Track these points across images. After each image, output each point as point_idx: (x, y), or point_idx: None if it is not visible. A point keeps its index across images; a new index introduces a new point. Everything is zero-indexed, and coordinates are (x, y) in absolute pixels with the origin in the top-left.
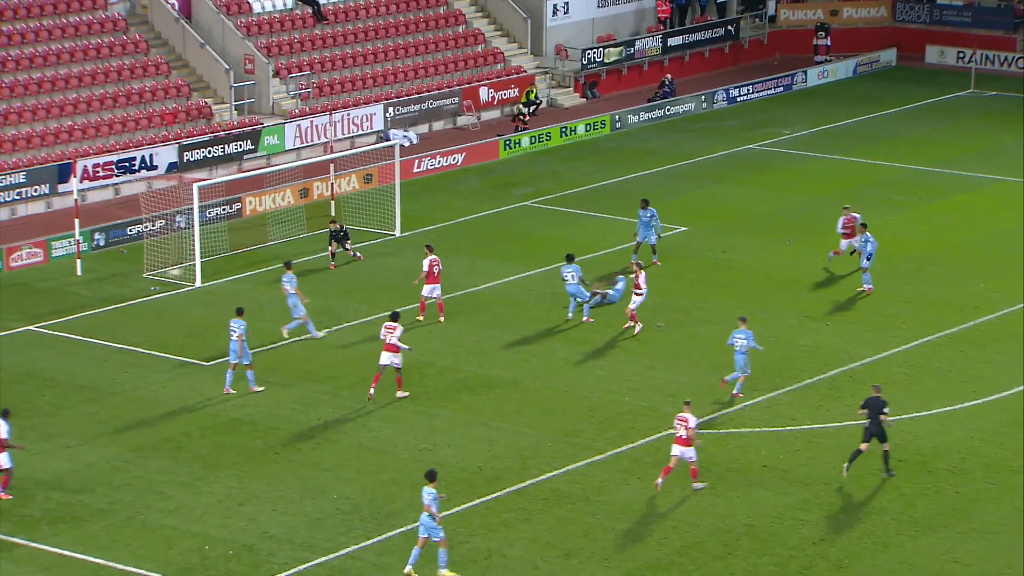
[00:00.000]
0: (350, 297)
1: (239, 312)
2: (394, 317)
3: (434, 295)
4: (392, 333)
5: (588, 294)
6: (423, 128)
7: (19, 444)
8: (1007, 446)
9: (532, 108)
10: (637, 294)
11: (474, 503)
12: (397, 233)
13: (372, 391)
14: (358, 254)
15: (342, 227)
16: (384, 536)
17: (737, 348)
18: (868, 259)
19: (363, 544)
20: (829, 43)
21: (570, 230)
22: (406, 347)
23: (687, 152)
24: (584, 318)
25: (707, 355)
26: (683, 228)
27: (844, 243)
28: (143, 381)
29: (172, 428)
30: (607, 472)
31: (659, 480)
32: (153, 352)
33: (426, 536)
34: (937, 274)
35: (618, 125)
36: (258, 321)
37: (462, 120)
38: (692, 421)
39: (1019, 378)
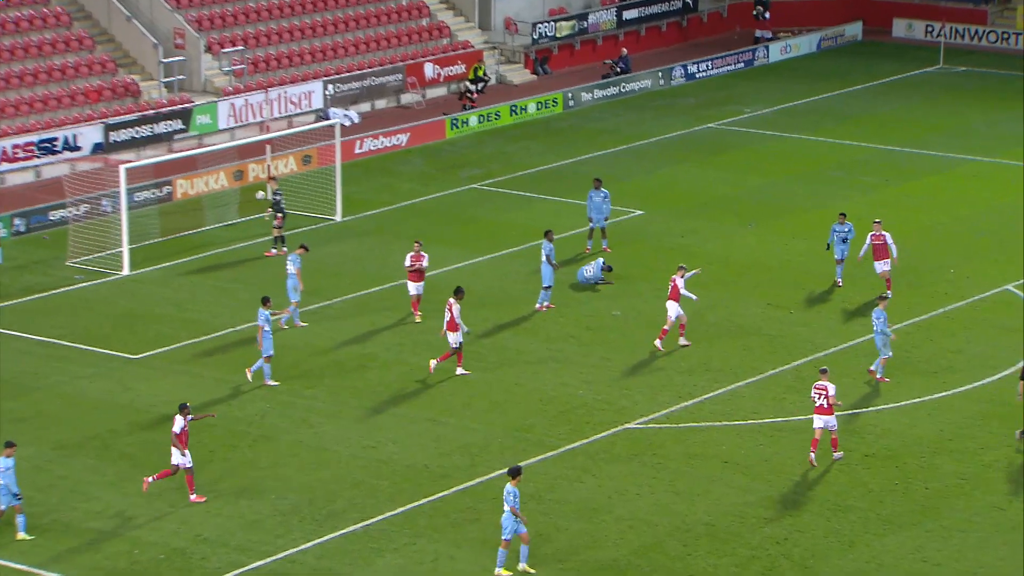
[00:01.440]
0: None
1: (264, 301)
2: (456, 293)
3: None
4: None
5: (552, 277)
6: (365, 107)
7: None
8: (978, 440)
9: (480, 85)
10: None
11: (420, 503)
12: (338, 218)
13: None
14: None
15: (277, 192)
16: (325, 538)
17: (874, 329)
18: (839, 252)
19: (302, 547)
20: (768, 16)
21: (521, 214)
22: (465, 328)
23: (643, 131)
24: (544, 304)
25: (666, 344)
26: (639, 212)
27: (878, 266)
28: (67, 375)
29: (98, 425)
30: (561, 469)
31: (812, 455)
32: (78, 345)
33: (509, 538)
34: (906, 259)
35: (571, 103)
36: (188, 312)
37: (406, 98)
38: (831, 389)
39: (991, 367)
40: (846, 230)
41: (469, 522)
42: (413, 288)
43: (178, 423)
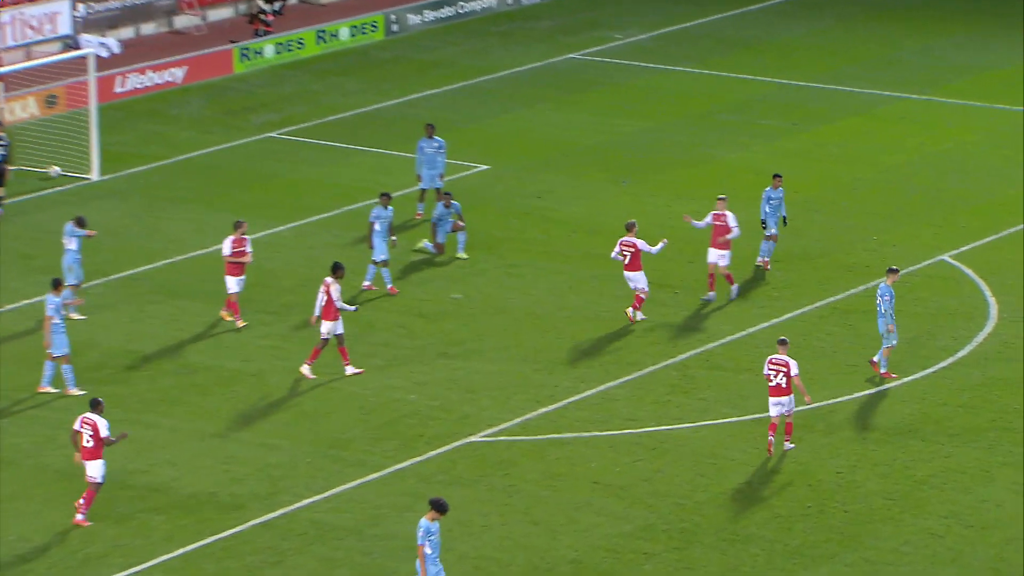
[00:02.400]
0: (27, 264)
1: (55, 285)
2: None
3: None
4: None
5: (387, 252)
6: (127, 32)
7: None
8: (909, 450)
9: (277, 4)
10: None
11: (207, 541)
12: (94, 176)
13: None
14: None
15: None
16: None
17: (879, 311)
18: (774, 226)
19: None
20: None
21: (332, 170)
22: (350, 307)
23: (487, 64)
24: (387, 286)
25: (520, 336)
26: (483, 166)
27: (712, 254)
28: None
29: None
30: (386, 496)
31: (771, 438)
32: None
33: None
34: (819, 223)
35: (395, 28)
36: None
37: (181, 21)
38: (794, 366)
39: (924, 359)
40: (780, 196)
41: (270, 566)
42: (233, 284)
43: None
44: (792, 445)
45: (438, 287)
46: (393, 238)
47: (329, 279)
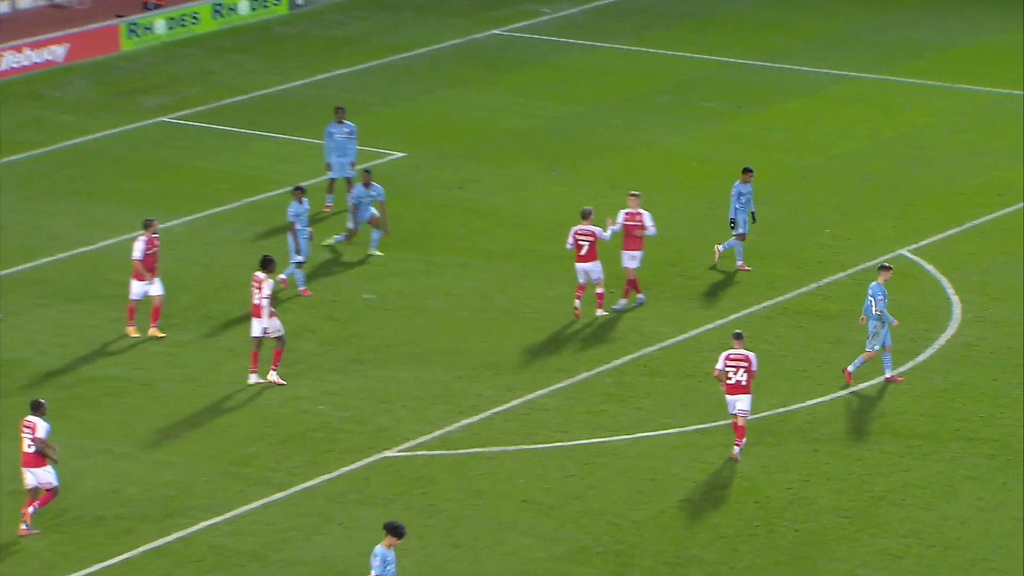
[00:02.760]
0: None
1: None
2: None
3: (152, 293)
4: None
5: (303, 252)
6: (2, 7)
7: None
8: (865, 463)
9: None
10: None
11: (93, 569)
12: None
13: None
14: None
15: None
16: None
17: (868, 310)
18: (744, 224)
19: None
20: None
21: (231, 158)
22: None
23: (403, 41)
24: (300, 288)
25: (440, 340)
26: (399, 153)
27: (626, 257)
28: None
29: None
30: (292, 518)
31: (736, 450)
32: None
33: None
34: (766, 216)
35: (300, 1)
36: None
37: None
38: (754, 360)
39: (882, 364)
40: (750, 192)
41: None
42: (138, 289)
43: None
44: (739, 456)
45: (349, 287)
46: (309, 229)
47: (260, 274)
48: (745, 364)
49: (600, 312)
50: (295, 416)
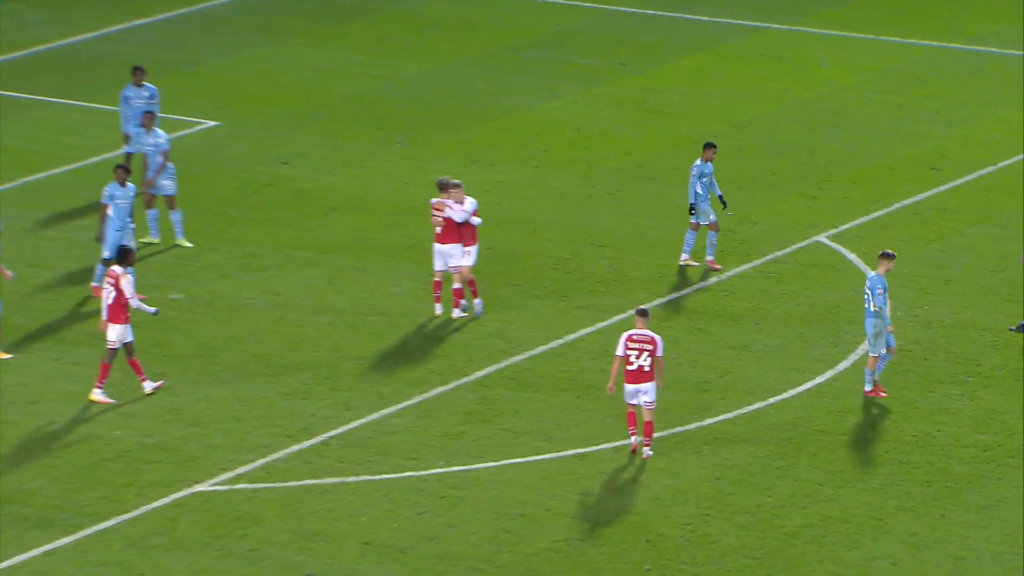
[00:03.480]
0: None
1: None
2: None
3: None
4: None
5: (109, 247)
6: None
7: None
8: (777, 493)
9: None
10: None
11: None
12: None
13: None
14: None
15: None
16: None
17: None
18: (710, 210)
19: None
20: None
21: (3, 128)
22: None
23: None
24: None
25: (262, 349)
26: (212, 122)
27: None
28: None
29: None
30: (82, 568)
31: (633, 439)
32: None
33: None
34: (657, 194)
35: None
36: None
37: None
38: (660, 343)
39: (796, 373)
40: (710, 171)
41: None
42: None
43: None
44: (652, 452)
45: (151, 285)
46: (132, 224)
47: (118, 268)
48: (650, 347)
49: (457, 312)
50: (85, 443)
